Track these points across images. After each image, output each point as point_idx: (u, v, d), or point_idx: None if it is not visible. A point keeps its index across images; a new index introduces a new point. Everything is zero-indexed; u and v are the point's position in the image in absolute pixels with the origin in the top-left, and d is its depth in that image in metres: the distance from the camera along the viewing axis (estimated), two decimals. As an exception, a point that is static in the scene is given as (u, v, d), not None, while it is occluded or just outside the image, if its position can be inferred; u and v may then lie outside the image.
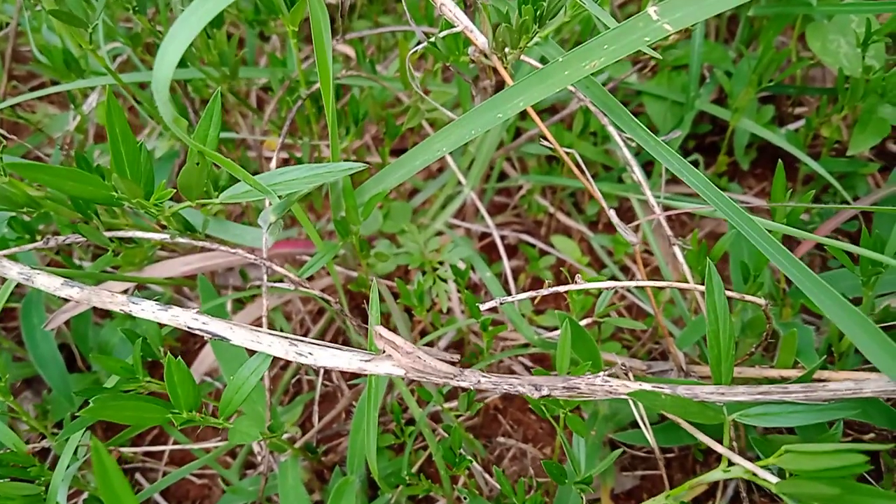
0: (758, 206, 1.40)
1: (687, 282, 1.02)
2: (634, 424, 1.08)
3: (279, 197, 0.71)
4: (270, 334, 0.69)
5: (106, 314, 1.33)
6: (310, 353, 0.69)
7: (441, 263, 1.22)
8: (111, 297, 0.71)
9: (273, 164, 1.02)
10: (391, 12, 1.61)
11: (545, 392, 0.69)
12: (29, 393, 1.29)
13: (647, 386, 0.68)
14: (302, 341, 0.70)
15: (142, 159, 0.69)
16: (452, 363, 0.69)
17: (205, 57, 1.13)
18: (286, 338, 0.70)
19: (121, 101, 1.65)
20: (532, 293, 0.86)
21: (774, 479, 0.63)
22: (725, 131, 1.44)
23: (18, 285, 0.89)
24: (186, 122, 0.86)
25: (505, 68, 0.86)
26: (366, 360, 0.70)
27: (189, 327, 0.71)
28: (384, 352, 0.69)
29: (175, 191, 0.72)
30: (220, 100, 0.68)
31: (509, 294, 1.31)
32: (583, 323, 1.05)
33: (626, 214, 1.44)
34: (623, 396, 0.68)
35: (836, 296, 0.64)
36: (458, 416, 1.09)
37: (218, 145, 0.90)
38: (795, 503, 0.63)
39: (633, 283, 0.81)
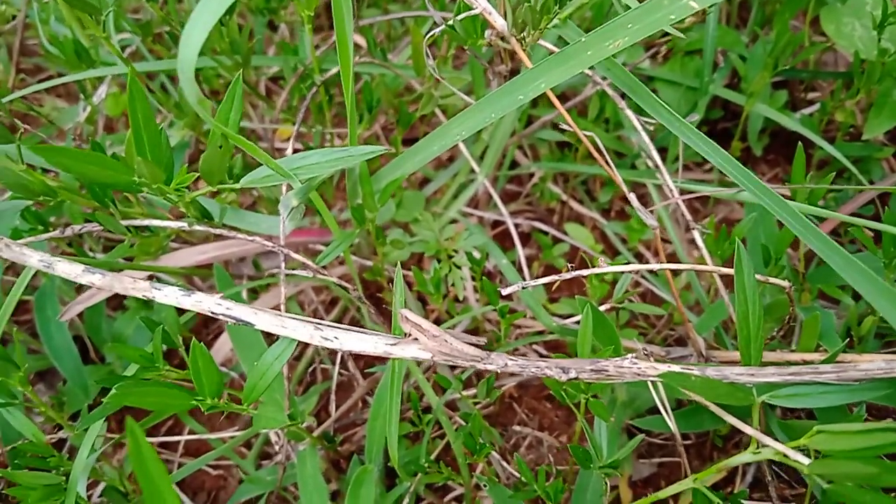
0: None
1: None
2: (651, 411, 1.08)
3: (300, 182, 0.70)
4: (295, 319, 0.69)
5: (119, 306, 1.32)
6: (335, 338, 0.69)
7: (456, 251, 1.21)
8: (133, 283, 0.71)
9: (289, 151, 1.02)
10: (400, 0, 1.60)
11: (573, 374, 0.68)
12: (42, 385, 1.29)
13: (676, 368, 0.67)
14: (327, 325, 0.69)
15: (163, 145, 0.69)
16: (479, 346, 0.68)
17: (216, 46, 1.12)
18: (311, 322, 0.69)
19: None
20: (552, 278, 0.85)
21: (806, 461, 0.62)
22: (737, 117, 1.43)
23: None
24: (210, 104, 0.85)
25: (524, 50, 0.85)
26: (392, 344, 0.69)
27: (213, 312, 0.70)
28: (410, 335, 0.69)
29: (196, 176, 0.71)
30: (241, 83, 0.67)
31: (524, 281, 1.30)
32: (600, 309, 1.04)
33: (640, 201, 1.43)
34: (652, 379, 0.67)
35: (867, 272, 0.64)
36: (476, 403, 1.09)
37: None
38: (826, 484, 0.63)
39: (655, 266, 0.81)
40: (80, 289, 1.22)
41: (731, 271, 0.75)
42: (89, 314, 1.21)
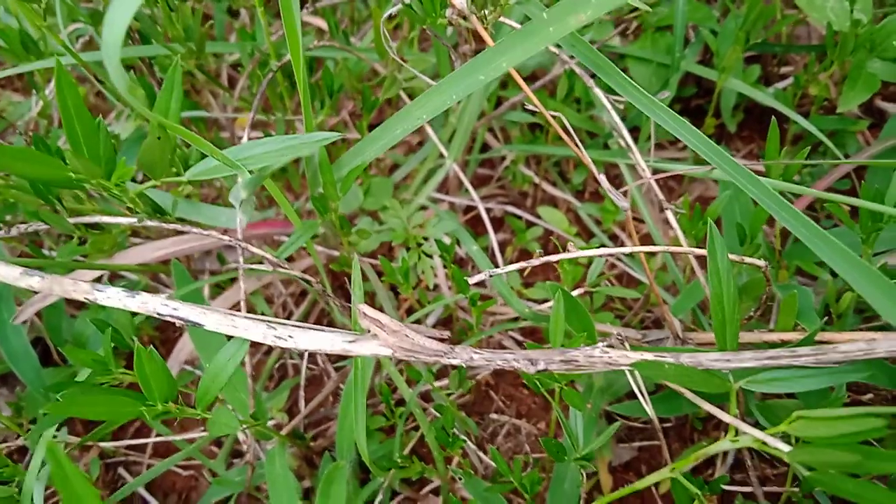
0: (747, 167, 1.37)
1: (679, 246, 0.99)
2: (630, 395, 1.05)
3: (250, 172, 0.67)
4: (247, 318, 0.65)
5: (81, 305, 1.28)
6: (290, 336, 0.65)
7: (426, 239, 1.18)
8: (74, 284, 0.67)
9: (244, 140, 0.98)
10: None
11: (542, 366, 0.65)
12: (5, 389, 1.24)
13: (648, 356, 0.64)
14: (281, 324, 0.66)
15: (101, 137, 0.65)
16: (442, 340, 0.65)
17: (169, 32, 1.08)
18: (264, 321, 0.66)
19: (87, 85, 1.59)
20: (522, 264, 0.82)
21: (786, 448, 0.60)
22: (710, 94, 1.40)
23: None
24: (146, 96, 0.81)
25: (485, 29, 0.81)
26: (350, 341, 0.66)
27: (159, 313, 0.67)
28: (369, 331, 0.65)
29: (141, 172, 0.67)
30: (180, 69, 0.63)
31: (497, 267, 1.27)
32: (574, 293, 1.01)
33: (613, 182, 1.40)
34: (624, 368, 0.65)
35: (844, 250, 0.61)
36: (449, 395, 1.06)
37: (186, 123, 0.84)
38: (808, 472, 0.60)
39: (627, 250, 0.78)
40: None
41: (705, 252, 0.73)
42: (48, 314, 1.16)
